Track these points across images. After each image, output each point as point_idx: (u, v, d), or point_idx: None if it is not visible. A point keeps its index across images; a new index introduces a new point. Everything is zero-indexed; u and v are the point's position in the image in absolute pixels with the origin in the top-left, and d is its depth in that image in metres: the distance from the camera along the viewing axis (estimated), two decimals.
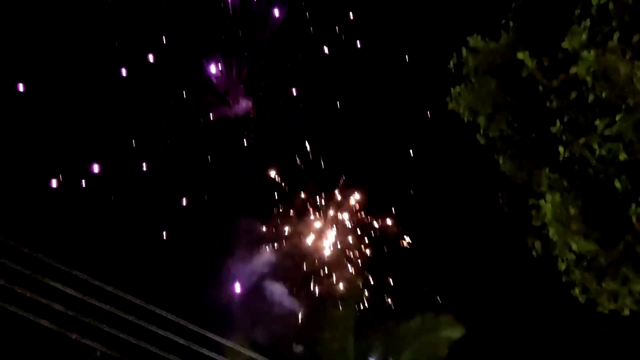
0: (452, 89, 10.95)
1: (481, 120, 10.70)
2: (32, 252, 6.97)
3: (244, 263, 25.25)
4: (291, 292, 23.88)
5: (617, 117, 8.12)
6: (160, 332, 7.46)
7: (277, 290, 24.14)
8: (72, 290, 7.03)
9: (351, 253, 26.64)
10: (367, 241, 27.29)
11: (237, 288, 25.17)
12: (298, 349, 11.94)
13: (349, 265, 25.44)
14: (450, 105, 11.00)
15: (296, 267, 25.89)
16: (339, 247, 26.84)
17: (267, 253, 26.06)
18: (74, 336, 7.09)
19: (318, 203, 27.34)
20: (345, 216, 27.50)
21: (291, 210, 27.06)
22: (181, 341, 7.64)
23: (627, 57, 7.93)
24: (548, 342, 21.80)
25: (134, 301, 7.49)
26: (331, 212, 27.38)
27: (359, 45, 26.99)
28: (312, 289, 24.46)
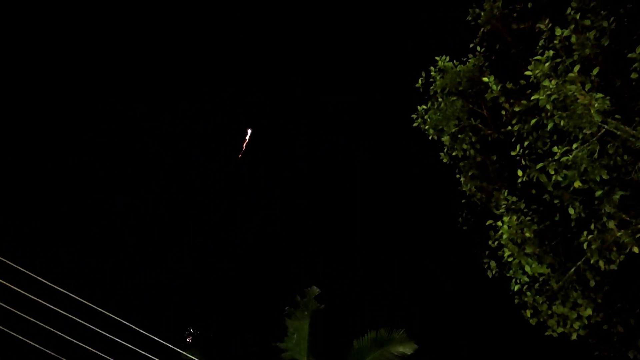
0: (418, 107, 11.13)
1: (445, 139, 10.88)
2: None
3: None
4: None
5: (574, 146, 8.37)
6: None
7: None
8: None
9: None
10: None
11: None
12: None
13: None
14: (416, 123, 11.19)
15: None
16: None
17: None
18: None
19: None
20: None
21: None
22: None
23: (586, 88, 8.19)
24: None
25: None
26: None
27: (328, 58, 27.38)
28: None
